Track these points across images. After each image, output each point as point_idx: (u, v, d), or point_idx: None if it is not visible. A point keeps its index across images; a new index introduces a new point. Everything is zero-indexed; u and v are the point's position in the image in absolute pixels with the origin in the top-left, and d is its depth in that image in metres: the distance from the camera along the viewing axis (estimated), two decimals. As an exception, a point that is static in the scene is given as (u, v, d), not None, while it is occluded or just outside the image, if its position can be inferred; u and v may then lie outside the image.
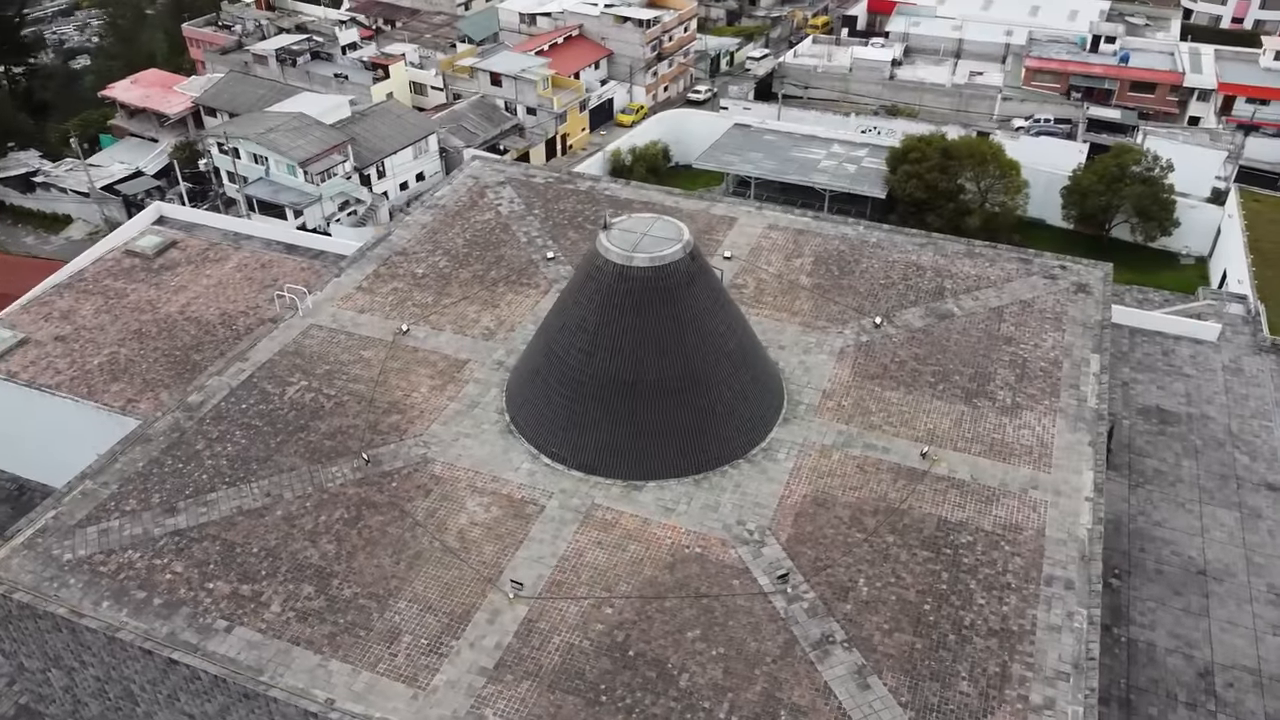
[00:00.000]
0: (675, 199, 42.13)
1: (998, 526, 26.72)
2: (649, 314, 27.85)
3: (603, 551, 25.93)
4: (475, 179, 43.50)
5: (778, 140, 66.31)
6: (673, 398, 27.98)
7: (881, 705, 22.22)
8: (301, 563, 25.75)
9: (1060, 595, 24.83)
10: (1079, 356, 33.27)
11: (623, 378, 28.06)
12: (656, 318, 27.84)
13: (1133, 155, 57.91)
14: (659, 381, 27.94)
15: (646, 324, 27.87)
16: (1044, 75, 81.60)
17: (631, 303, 27.86)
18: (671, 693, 22.57)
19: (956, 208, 57.49)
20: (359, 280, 36.71)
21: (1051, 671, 23.03)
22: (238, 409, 30.67)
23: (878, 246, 38.83)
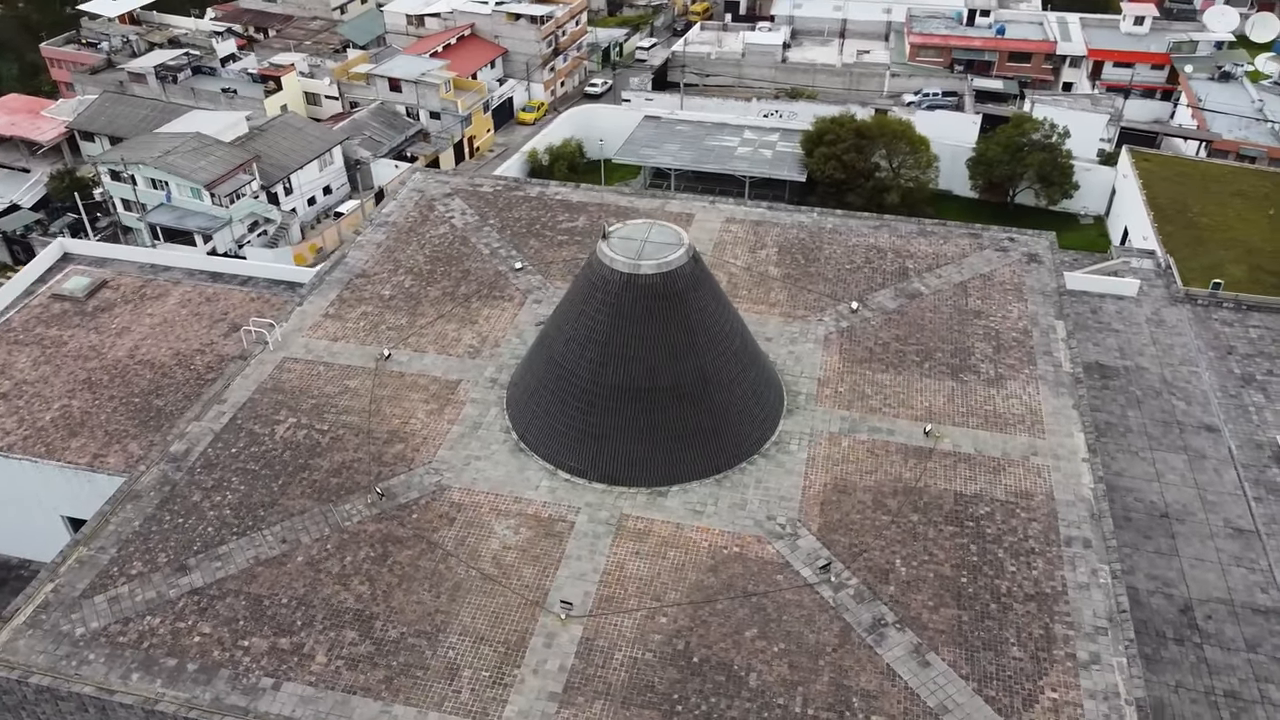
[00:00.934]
0: (629, 198, 42.16)
1: (1010, 495, 27.96)
2: (659, 320, 27.90)
3: (643, 561, 25.96)
4: (420, 193, 42.48)
5: (691, 130, 66.96)
6: (688, 401, 28.15)
7: (945, 680, 23.06)
8: (337, 608, 24.88)
9: (1081, 554, 26.21)
10: (1045, 324, 34.98)
11: (638, 385, 28.05)
12: (667, 323, 27.92)
13: (1032, 124, 61.01)
14: (674, 386, 28.06)
15: (657, 330, 27.92)
16: (928, 51, 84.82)
17: (641, 310, 27.85)
18: (744, 694, 22.86)
19: (875, 185, 59.40)
20: (324, 307, 35.45)
21: (1090, 628, 24.33)
22: (228, 454, 29.29)
23: (835, 232, 39.82)
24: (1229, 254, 52.02)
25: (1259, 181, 58.84)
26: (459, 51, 78.76)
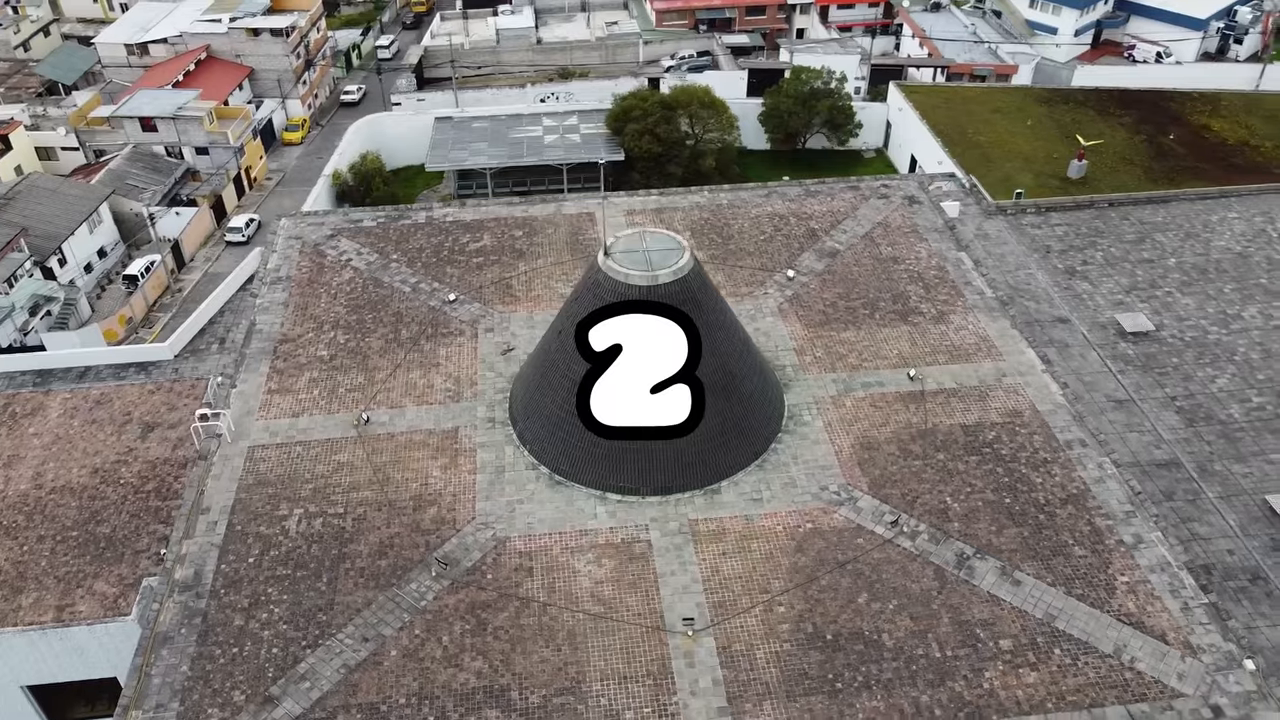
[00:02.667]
0: (524, 207, 41.34)
1: (1003, 417, 31.05)
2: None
3: (733, 560, 26.52)
4: (299, 239, 39.35)
5: (490, 125, 65.62)
6: (720, 396, 28.72)
7: (1041, 592, 25.64)
8: (463, 691, 23.54)
9: (1083, 453, 29.76)
10: (952, 258, 38.55)
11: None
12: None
13: (811, 74, 65.44)
14: (707, 386, 28.52)
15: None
16: (672, 15, 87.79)
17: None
18: (885, 655, 24.25)
19: (692, 153, 61.48)
20: (262, 384, 32.38)
21: (1121, 514, 27.86)
22: (247, 565, 26.46)
23: (733, 207, 41.34)
24: (1012, 165, 58.97)
25: (1007, 97, 66.79)
26: (200, 78, 71.87)
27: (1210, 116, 63.83)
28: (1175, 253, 51.37)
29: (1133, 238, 52.74)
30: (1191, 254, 51.28)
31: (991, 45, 78.40)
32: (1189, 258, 50.84)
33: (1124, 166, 58.28)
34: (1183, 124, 62.89)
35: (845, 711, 23.02)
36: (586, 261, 37.77)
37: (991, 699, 23.24)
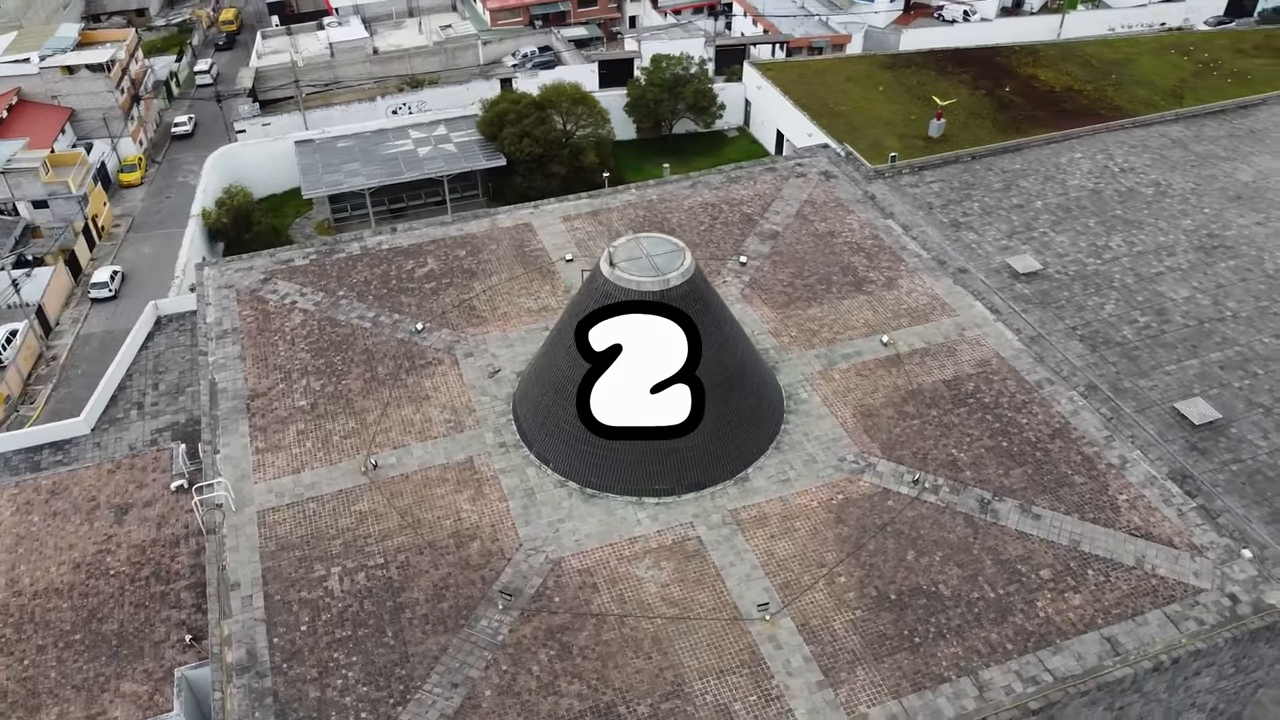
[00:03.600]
0: (459, 226, 40.65)
1: (975, 368, 33.48)
2: (700, 324, 28.85)
3: (784, 541, 27.58)
4: (230, 288, 37.26)
5: (357, 144, 63.18)
6: (737, 389, 29.62)
7: (1060, 521, 28.06)
8: (569, 715, 23.55)
9: (1052, 390, 32.55)
10: (880, 225, 40.85)
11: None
12: (705, 324, 28.95)
13: (673, 61, 66.67)
14: (725, 380, 29.33)
15: (709, 347, 28.86)
16: (506, 13, 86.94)
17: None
18: (947, 603, 25.98)
19: (572, 150, 61.51)
20: (246, 445, 30.72)
21: (1102, 440, 30.76)
22: (301, 633, 25.33)
23: (663, 201, 42.15)
24: (876, 131, 62.38)
25: (855, 66, 70.43)
26: (17, 125, 65.56)
27: (1034, 67, 69.62)
28: (1039, 195, 56.01)
29: (1000, 186, 57.06)
30: (1054, 195, 56.05)
31: (821, 17, 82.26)
32: (1052, 199, 55.57)
33: (975, 121, 62.80)
34: (1013, 76, 68.31)
35: (929, 662, 24.63)
36: (541, 273, 37.78)
37: (1050, 625, 25.41)
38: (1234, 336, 45.85)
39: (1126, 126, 62.42)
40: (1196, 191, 56.24)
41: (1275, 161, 59.18)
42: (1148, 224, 53.73)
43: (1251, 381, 43.27)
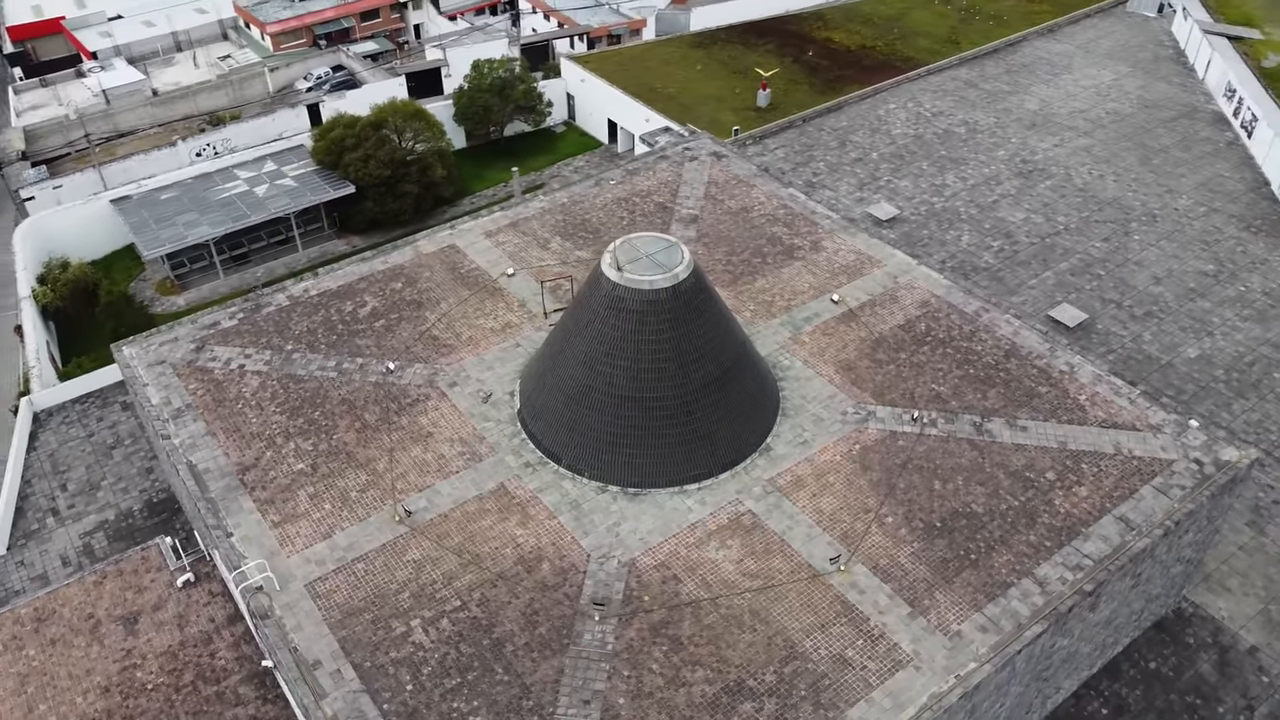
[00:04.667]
0: (382, 258, 39.42)
1: (920, 310, 36.67)
2: (708, 314, 30.03)
3: (826, 497, 29.45)
4: (162, 363, 34.49)
5: (183, 194, 58.45)
6: (744, 369, 31.08)
7: (1043, 429, 31.60)
8: (704, 700, 24.42)
9: (995, 317, 36.25)
10: (784, 195, 43.37)
11: (716, 376, 30.10)
12: (712, 315, 30.17)
13: (497, 64, 66.26)
14: (735, 363, 30.71)
15: (711, 322, 30.05)
16: (288, 35, 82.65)
17: (692, 311, 29.62)
18: (984, 518, 28.80)
19: (421, 167, 60.04)
20: (260, 521, 28.96)
21: (1046, 351, 34.72)
22: (411, 693, 24.61)
23: (575, 204, 42.73)
24: (708, 108, 65.25)
25: (667, 49, 72.96)
26: None
27: (827, 31, 74.93)
28: (873, 148, 60.91)
29: (836, 144, 61.53)
30: (884, 146, 61.11)
31: (611, 5, 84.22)
32: (884, 149, 60.61)
33: (793, 88, 67.05)
34: (812, 41, 73.26)
35: (991, 573, 27.37)
36: (488, 292, 37.58)
37: (1072, 518, 28.84)
38: (1072, 246, 52.23)
39: (924, 75, 68.72)
40: (999, 125, 63.01)
41: (1050, 90, 67.17)
42: (970, 159, 59.75)
43: (1098, 283, 49.62)
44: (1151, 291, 48.84)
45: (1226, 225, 53.45)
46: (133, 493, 39.03)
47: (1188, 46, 70.99)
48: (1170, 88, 67.23)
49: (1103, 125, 62.74)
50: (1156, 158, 59.51)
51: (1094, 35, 74.46)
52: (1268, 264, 50.63)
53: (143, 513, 38.16)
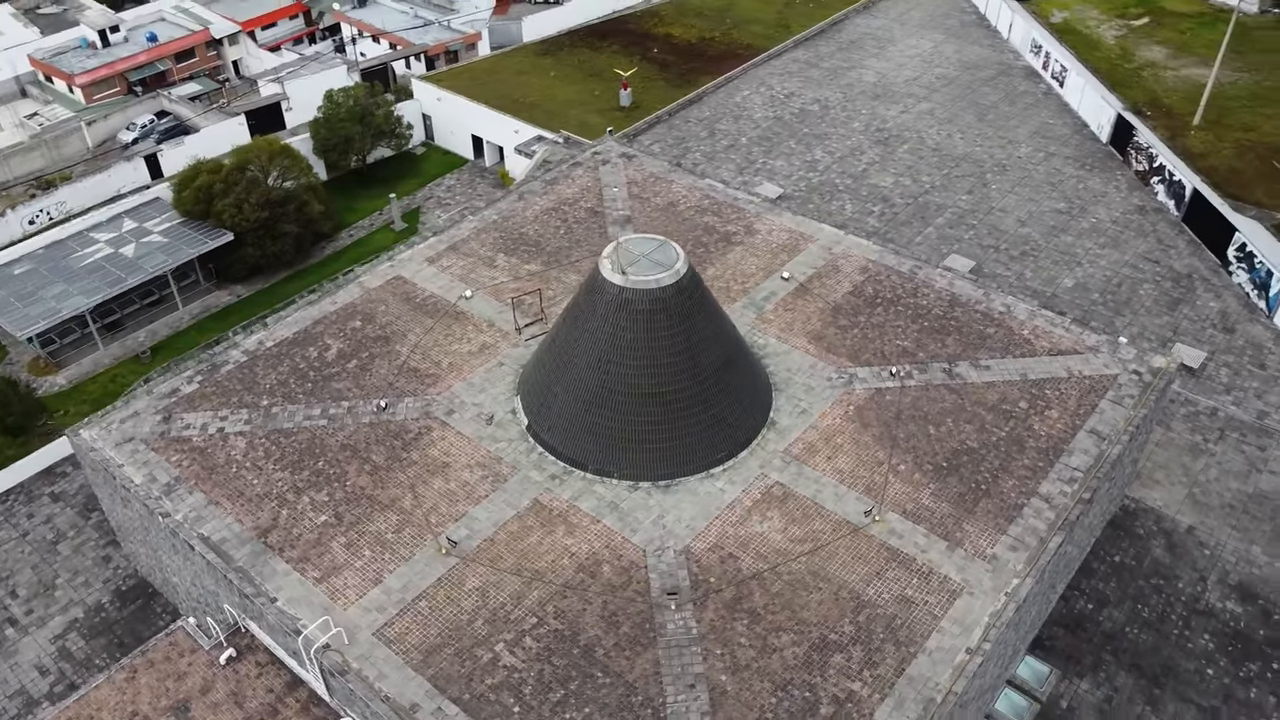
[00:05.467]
0: (330, 298, 38.42)
1: (862, 274, 39.37)
2: (707, 307, 31.37)
3: (840, 458, 31.51)
4: (132, 439, 32.44)
5: (40, 265, 53.35)
6: (743, 353, 32.65)
7: (1002, 365, 34.90)
8: (803, 660, 25.89)
9: (925, 275, 39.40)
10: (703, 186, 45.21)
11: (724, 364, 31.48)
12: (710, 308, 31.60)
13: (355, 90, 64.44)
14: (735, 347, 32.23)
15: (711, 315, 31.44)
16: (100, 85, 76.79)
17: (695, 305, 30.88)
18: (982, 454, 31.65)
19: (298, 205, 57.78)
20: (298, 580, 28.04)
21: (981, 296, 38.17)
22: (520, 713, 24.77)
23: (505, 220, 43.01)
24: (574, 113, 66.19)
25: (515, 60, 73.27)
26: None
27: (664, 26, 77.38)
28: (740, 133, 63.83)
29: (705, 134, 64.08)
30: (751, 130, 64.18)
31: (441, 22, 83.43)
32: (752, 134, 63.66)
33: (648, 85, 69.01)
34: (653, 38, 75.47)
35: (1003, 498, 30.21)
36: (452, 317, 37.46)
37: (1053, 439, 32.18)
38: (942, 202, 56.80)
39: (767, 60, 72.34)
40: (847, 99, 67.33)
41: (882, 63, 72.29)
42: (831, 133, 63.64)
43: (974, 232, 54.33)
44: (1021, 233, 53.99)
45: (1065, 166, 59.63)
46: (95, 585, 36.47)
47: (987, 11, 78.07)
48: (983, 50, 73.84)
49: (936, 90, 68.28)
50: (990, 113, 65.43)
51: (905, 8, 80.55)
52: (1107, 196, 56.95)
53: (114, 604, 35.77)
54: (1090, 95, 63.53)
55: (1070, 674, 33.16)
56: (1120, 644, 34.25)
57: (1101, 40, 74.97)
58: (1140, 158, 58.32)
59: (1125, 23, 78.58)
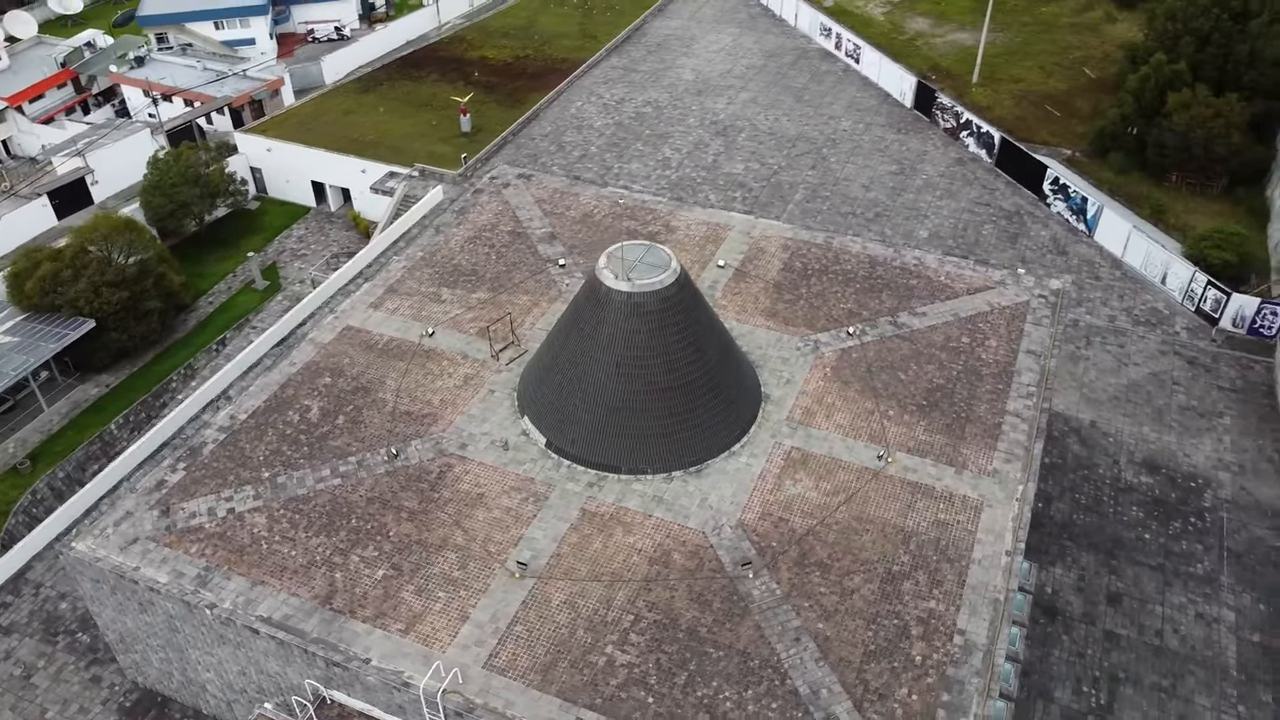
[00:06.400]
0: (286, 361, 37.16)
1: (785, 252, 42.69)
2: (701, 299, 33.40)
3: (836, 414, 34.56)
4: (137, 540, 30.42)
5: None
6: (732, 341, 34.89)
7: (935, 309, 39.18)
8: (872, 595, 28.61)
9: (840, 241, 43.25)
10: (607, 193, 47.03)
11: (722, 350, 33.61)
12: (703, 300, 33.68)
13: (185, 151, 60.59)
14: (728, 339, 34.45)
15: (706, 306, 33.47)
16: None
17: (692, 303, 32.82)
18: (953, 385, 35.65)
19: (156, 280, 53.91)
20: (383, 635, 27.74)
21: (894, 253, 42.43)
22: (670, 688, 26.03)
23: (429, 258, 43.10)
24: (418, 145, 65.77)
25: (339, 100, 71.66)
26: None
27: (476, 50, 78.08)
28: (590, 142, 66.16)
29: (555, 148, 66.02)
30: (597, 139, 66.65)
31: (236, 72, 79.81)
32: (599, 142, 66.14)
33: (483, 108, 69.69)
34: (470, 63, 75.99)
35: (982, 422, 34.30)
36: (425, 355, 37.51)
37: (1005, 362, 36.66)
38: (793, 180, 61.61)
39: (588, 70, 74.86)
40: (674, 98, 71.10)
41: (694, 60, 76.71)
42: (672, 131, 67.21)
43: (829, 203, 59.39)
44: (869, 198, 59.53)
45: (885, 134, 66.02)
46: (94, 709, 33.82)
47: (770, 3, 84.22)
48: (778, 38, 79.78)
49: (750, 79, 73.30)
50: (805, 94, 71.11)
51: (695, 7, 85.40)
52: (928, 154, 63.70)
53: (124, 722, 33.40)
54: (888, 67, 70.51)
55: (1044, 564, 38.00)
56: (1073, 530, 39.54)
57: (873, 18, 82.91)
58: (946, 116, 65.58)
59: (887, 0, 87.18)
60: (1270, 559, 38.45)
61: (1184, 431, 43.75)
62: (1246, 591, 37.29)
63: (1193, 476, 41.73)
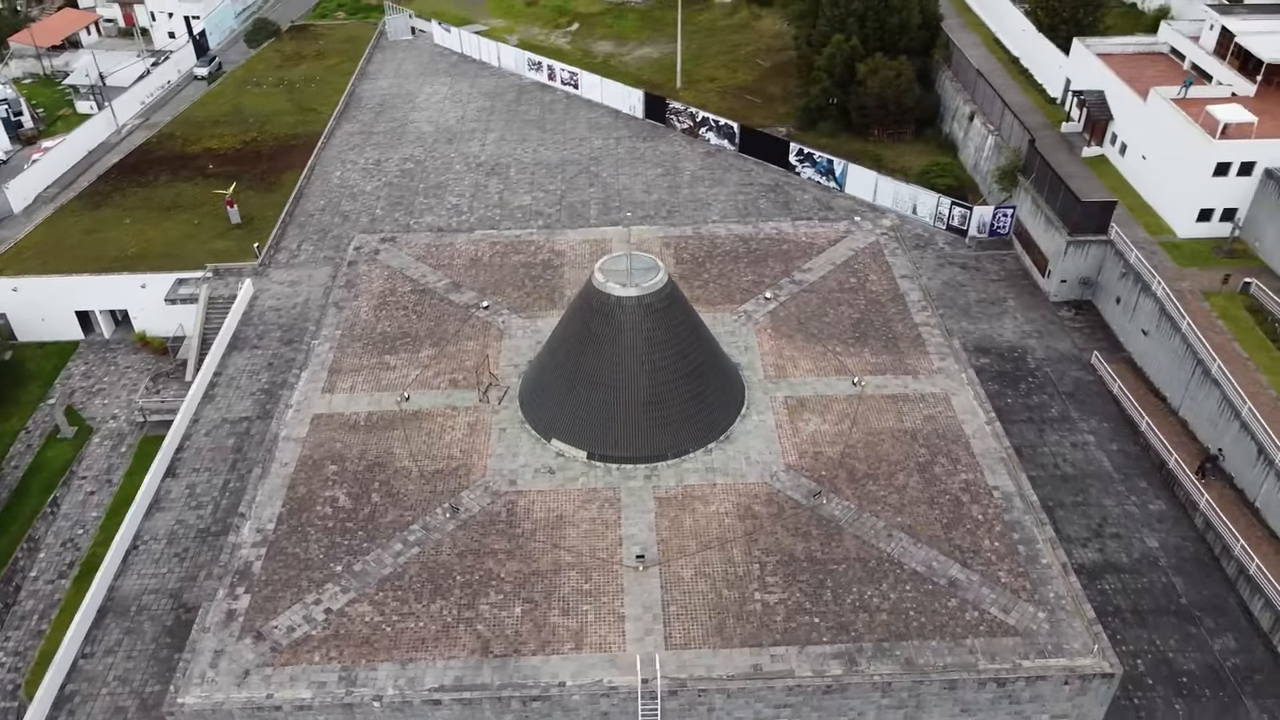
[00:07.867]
0: (261, 471, 35.40)
1: (666, 248, 47.22)
2: (688, 310, 37.09)
3: (793, 369, 39.83)
4: (245, 675, 28.41)
5: None
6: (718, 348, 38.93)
7: (831, 255, 45.79)
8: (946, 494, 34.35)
9: (705, 228, 48.58)
10: (478, 237, 48.60)
11: (709, 338, 37.49)
12: (686, 314, 37.30)
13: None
14: (711, 336, 38.36)
15: (693, 318, 37.26)
16: None
17: (681, 295, 36.38)
18: (860, 319, 42.33)
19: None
20: (581, 655, 28.81)
21: (791, 226, 48.56)
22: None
23: (351, 337, 42.41)
24: (192, 248, 61.69)
25: (63, 223, 64.76)
26: None
27: (194, 144, 73.91)
28: (371, 207, 66.63)
29: (339, 219, 65.91)
30: (375, 203, 67.03)
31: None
32: (380, 204, 66.58)
33: (237, 198, 66.57)
34: (195, 157, 71.75)
35: (906, 338, 41.28)
36: (410, 420, 37.71)
37: (889, 291, 44.01)
38: (582, 199, 66.39)
39: (326, 142, 74.19)
40: (428, 151, 73.74)
41: (422, 113, 79.64)
42: (445, 181, 69.54)
43: (625, 212, 64.69)
44: (654, 200, 65.62)
45: (634, 143, 72.55)
46: None
47: (465, 49, 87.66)
48: (490, 79, 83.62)
49: (488, 119, 76.62)
50: (545, 124, 75.80)
51: (395, 65, 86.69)
52: (680, 153, 71.05)
53: None
54: (610, 86, 77.17)
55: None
56: (959, 412, 48.07)
57: (561, 47, 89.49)
58: (682, 118, 73.46)
59: (564, 30, 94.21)
60: (1092, 390, 49.61)
61: (987, 318, 54.38)
62: (1090, 418, 47.98)
63: (1012, 349, 52.28)
